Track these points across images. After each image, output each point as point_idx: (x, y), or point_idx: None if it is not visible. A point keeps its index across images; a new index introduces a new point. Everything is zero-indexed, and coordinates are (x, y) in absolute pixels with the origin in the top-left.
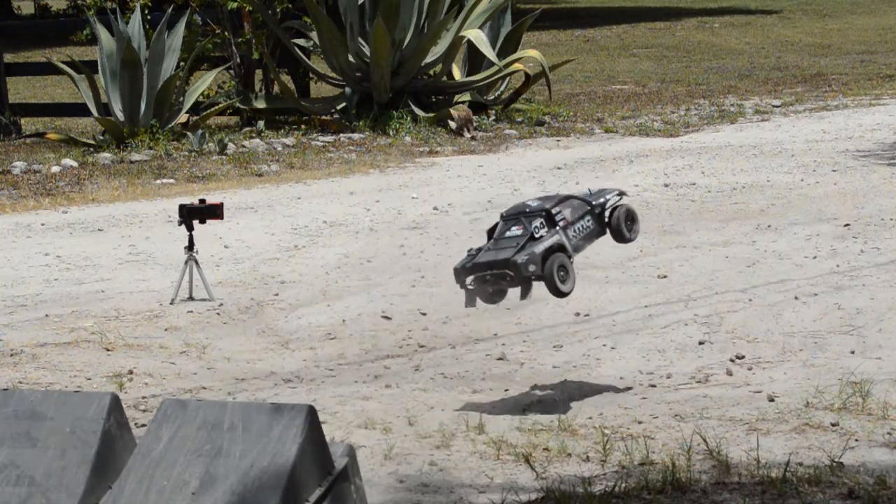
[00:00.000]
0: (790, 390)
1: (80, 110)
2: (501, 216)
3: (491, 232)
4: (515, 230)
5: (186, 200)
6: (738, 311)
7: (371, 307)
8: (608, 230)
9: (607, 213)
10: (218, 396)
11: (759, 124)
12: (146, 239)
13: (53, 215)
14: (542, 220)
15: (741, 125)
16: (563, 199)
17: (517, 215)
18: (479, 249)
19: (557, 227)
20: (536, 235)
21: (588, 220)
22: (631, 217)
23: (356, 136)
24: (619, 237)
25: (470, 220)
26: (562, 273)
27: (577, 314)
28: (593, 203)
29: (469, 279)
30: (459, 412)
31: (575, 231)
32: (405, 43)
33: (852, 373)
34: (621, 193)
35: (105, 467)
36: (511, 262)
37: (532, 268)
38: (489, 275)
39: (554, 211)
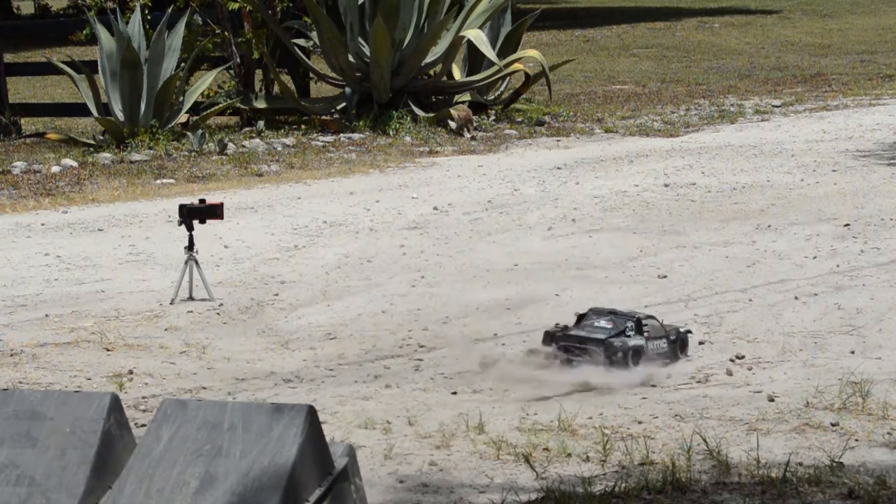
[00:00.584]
0: (790, 390)
1: (80, 110)
2: (591, 309)
3: (580, 317)
4: (605, 323)
5: (186, 200)
6: (738, 311)
7: (371, 307)
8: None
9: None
10: (218, 396)
11: (759, 124)
12: (146, 239)
13: (53, 215)
14: (633, 323)
15: (741, 125)
16: (648, 317)
17: (607, 312)
18: (566, 326)
19: (644, 335)
20: (627, 333)
21: (663, 342)
22: (683, 344)
23: (356, 136)
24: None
25: (470, 220)
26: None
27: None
28: (669, 330)
29: (557, 344)
30: (459, 412)
31: (653, 345)
32: (405, 43)
33: (852, 373)
34: (689, 331)
35: (105, 467)
36: (606, 342)
37: (620, 354)
38: (576, 346)
39: (644, 321)
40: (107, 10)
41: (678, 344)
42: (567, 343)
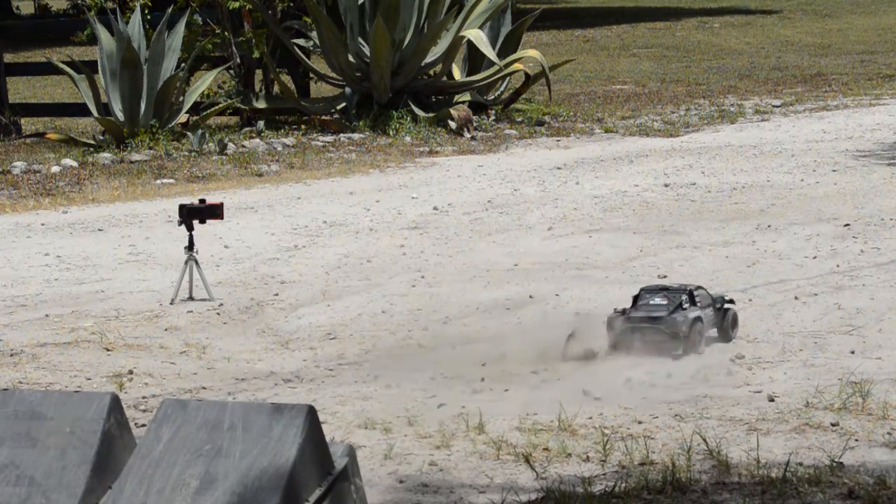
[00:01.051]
0: (790, 390)
1: (80, 110)
2: (643, 289)
3: (635, 299)
4: (660, 300)
5: (186, 200)
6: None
7: (371, 307)
8: (719, 326)
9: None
10: (218, 396)
11: (759, 124)
12: (146, 239)
13: (53, 215)
14: (686, 296)
15: (741, 125)
16: (698, 288)
17: (659, 290)
18: (625, 310)
19: (698, 306)
20: (684, 307)
21: (710, 311)
22: (735, 321)
23: (356, 136)
24: (724, 335)
25: (470, 220)
26: (699, 338)
27: (578, 314)
28: (715, 298)
29: (623, 328)
30: (459, 412)
31: (705, 315)
32: (405, 43)
33: (852, 373)
34: (732, 300)
35: (105, 467)
36: (668, 319)
37: (684, 328)
38: (643, 326)
39: (696, 293)
40: (107, 10)
41: (730, 319)
42: (634, 324)
